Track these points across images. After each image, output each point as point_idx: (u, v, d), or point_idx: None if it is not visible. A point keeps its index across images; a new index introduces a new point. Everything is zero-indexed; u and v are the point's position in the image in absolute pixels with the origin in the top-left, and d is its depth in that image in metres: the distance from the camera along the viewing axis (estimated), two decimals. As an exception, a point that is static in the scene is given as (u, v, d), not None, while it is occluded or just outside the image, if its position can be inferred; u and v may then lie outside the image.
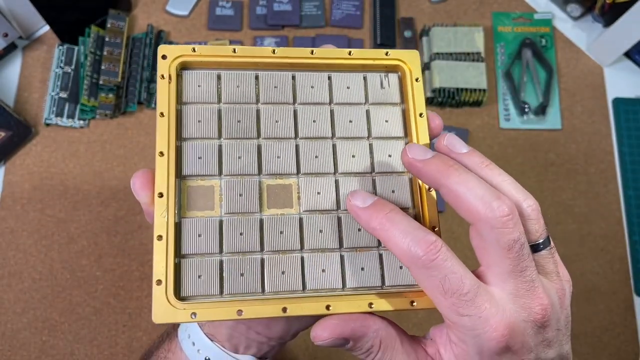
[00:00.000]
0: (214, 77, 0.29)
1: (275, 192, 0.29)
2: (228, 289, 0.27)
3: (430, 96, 0.66)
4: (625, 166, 0.67)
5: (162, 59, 0.28)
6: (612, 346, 0.60)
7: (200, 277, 0.26)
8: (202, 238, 0.27)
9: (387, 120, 0.31)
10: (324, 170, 0.29)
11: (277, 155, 0.29)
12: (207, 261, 0.27)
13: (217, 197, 0.28)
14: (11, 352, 0.56)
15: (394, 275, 0.28)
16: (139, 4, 0.69)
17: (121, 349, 0.57)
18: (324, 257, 0.28)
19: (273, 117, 0.29)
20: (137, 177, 0.27)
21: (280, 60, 0.30)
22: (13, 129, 0.61)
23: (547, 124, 0.68)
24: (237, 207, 0.28)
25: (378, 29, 0.69)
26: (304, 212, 0.29)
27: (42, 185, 0.61)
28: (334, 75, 0.31)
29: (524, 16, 0.72)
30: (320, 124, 0.30)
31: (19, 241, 0.59)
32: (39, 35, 0.67)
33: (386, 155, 0.30)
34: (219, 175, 0.28)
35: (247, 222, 0.28)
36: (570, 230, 0.64)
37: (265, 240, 0.28)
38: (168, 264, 0.26)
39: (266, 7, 0.70)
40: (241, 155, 0.29)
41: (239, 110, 0.29)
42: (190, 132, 0.28)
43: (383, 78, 0.32)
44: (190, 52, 0.29)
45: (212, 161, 0.28)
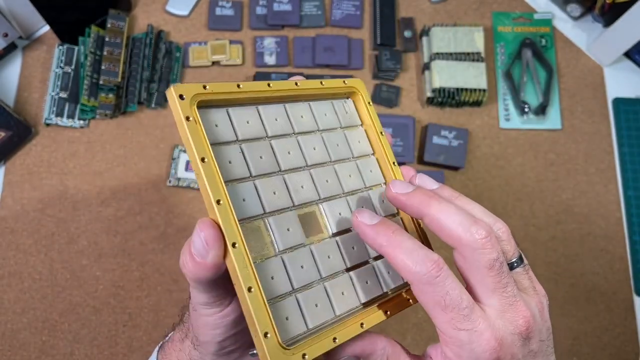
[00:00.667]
0: (225, 116, 0.30)
1: (306, 220, 0.30)
2: (311, 322, 0.28)
3: (430, 96, 0.66)
4: (625, 166, 0.67)
5: (180, 99, 0.27)
6: (612, 346, 0.60)
7: (288, 320, 0.27)
8: (275, 280, 0.27)
9: (359, 141, 0.35)
10: (336, 192, 0.32)
11: (300, 185, 0.31)
12: (289, 302, 0.28)
13: (267, 237, 0.28)
14: (11, 352, 0.56)
15: (389, 280, 0.31)
16: (139, 4, 0.69)
17: (121, 348, 0.57)
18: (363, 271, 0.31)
19: (285, 149, 0.31)
20: (205, 229, 0.25)
21: (275, 93, 0.31)
22: (13, 129, 0.61)
23: (547, 124, 0.68)
24: (289, 241, 0.29)
25: (378, 29, 0.69)
26: (334, 234, 0.31)
27: (42, 185, 0.61)
28: (313, 104, 0.34)
29: (524, 16, 0.72)
30: (319, 150, 0.32)
31: (19, 241, 0.59)
32: (39, 35, 0.67)
33: (369, 170, 0.34)
34: (262, 214, 0.29)
35: (302, 254, 0.29)
36: (570, 230, 0.64)
37: (320, 269, 0.29)
38: (267, 314, 0.26)
39: (266, 7, 0.70)
40: (275, 191, 0.29)
41: (257, 147, 0.30)
42: (228, 174, 0.28)
43: (344, 104, 0.35)
44: (202, 89, 0.28)
45: (255, 202, 0.28)
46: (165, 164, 0.63)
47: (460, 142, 0.65)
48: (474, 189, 0.65)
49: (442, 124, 0.66)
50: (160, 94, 0.65)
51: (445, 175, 0.65)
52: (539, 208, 0.65)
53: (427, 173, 0.66)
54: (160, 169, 0.63)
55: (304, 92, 0.33)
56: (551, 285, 0.62)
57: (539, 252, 0.63)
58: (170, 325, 0.39)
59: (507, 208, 0.65)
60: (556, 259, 0.63)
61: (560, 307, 0.62)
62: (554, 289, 0.62)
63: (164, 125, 0.65)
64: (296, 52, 0.68)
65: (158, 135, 0.64)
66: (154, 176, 0.63)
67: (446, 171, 0.65)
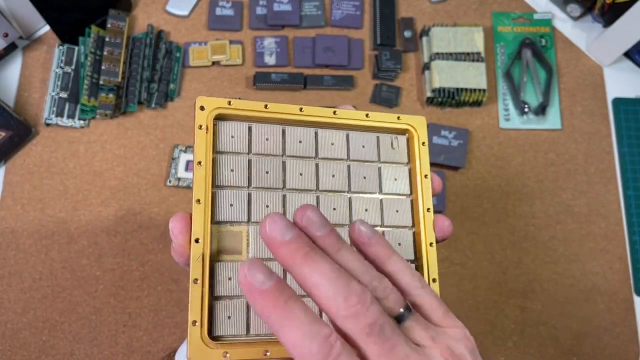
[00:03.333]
0: (245, 129, 0.32)
1: None
2: (254, 329, 0.29)
3: (430, 96, 0.66)
4: (625, 166, 0.67)
5: (200, 109, 0.30)
6: (612, 346, 0.60)
7: (230, 318, 0.29)
8: (232, 281, 0.29)
9: (396, 179, 0.34)
10: (340, 221, 0.32)
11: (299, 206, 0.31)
12: (237, 303, 0.29)
13: (245, 242, 0.30)
14: (11, 352, 0.56)
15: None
16: (139, 4, 0.69)
17: (121, 348, 0.57)
18: None
19: (297, 170, 0.32)
20: (176, 220, 0.28)
21: (306, 118, 0.32)
22: (13, 129, 0.61)
23: (547, 124, 0.68)
24: (262, 254, 0.30)
25: (378, 29, 0.69)
26: None
27: (42, 185, 0.61)
28: (351, 134, 0.34)
29: (524, 16, 0.72)
30: (338, 178, 0.33)
31: (19, 241, 0.59)
32: (39, 35, 0.67)
33: (394, 210, 0.33)
34: (247, 222, 0.31)
35: (271, 267, 0.30)
36: (570, 230, 0.64)
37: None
38: (203, 306, 0.28)
39: (266, 7, 0.70)
40: (268, 204, 0.31)
41: (267, 162, 0.32)
42: (224, 181, 0.31)
43: (393, 139, 0.35)
44: (226, 104, 0.31)
45: (242, 209, 0.30)
46: (165, 164, 0.63)
47: (460, 142, 0.65)
48: (474, 189, 0.65)
49: (442, 124, 0.66)
50: (161, 94, 0.65)
51: (445, 175, 0.65)
52: (539, 208, 0.65)
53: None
54: (160, 169, 0.63)
55: (342, 122, 0.33)
56: (551, 285, 0.62)
57: (539, 252, 0.63)
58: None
59: (507, 208, 0.65)
60: (556, 259, 0.63)
61: (560, 307, 0.62)
62: (553, 288, 0.62)
63: (164, 125, 0.65)
64: (296, 52, 0.68)
65: (158, 135, 0.64)
66: (154, 176, 0.63)
67: (446, 171, 0.65)
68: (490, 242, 0.63)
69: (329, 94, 0.67)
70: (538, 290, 0.62)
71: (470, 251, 0.63)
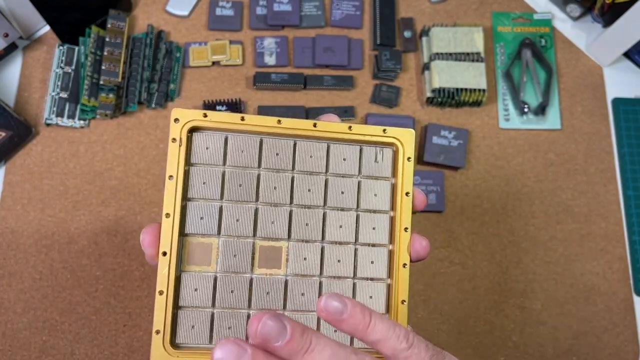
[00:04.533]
0: (221, 140, 0.32)
1: (267, 253, 0.31)
2: (217, 339, 0.30)
3: (430, 96, 0.66)
4: (624, 166, 0.67)
5: (174, 122, 0.31)
6: (612, 346, 0.61)
7: (194, 328, 0.30)
8: (197, 292, 0.30)
9: (376, 194, 0.33)
10: (312, 238, 0.32)
11: (271, 220, 0.32)
12: (201, 313, 0.30)
13: (215, 253, 0.31)
14: (12, 352, 0.56)
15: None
16: (139, 4, 0.70)
17: (121, 348, 0.57)
18: (304, 318, 0.31)
19: (272, 184, 0.32)
20: (146, 233, 0.30)
21: (285, 130, 0.32)
22: (13, 129, 0.61)
23: (547, 124, 0.68)
24: (230, 266, 0.31)
25: (378, 29, 0.69)
26: (290, 275, 0.32)
27: (43, 185, 0.61)
28: (333, 146, 0.33)
29: (524, 16, 0.72)
30: (314, 193, 0.32)
31: (20, 241, 0.60)
32: (40, 35, 0.67)
33: (370, 227, 0.33)
34: (218, 234, 0.31)
35: (239, 280, 0.31)
36: (570, 230, 0.64)
37: (253, 299, 0.31)
38: (167, 316, 0.29)
39: (266, 7, 0.70)
40: (239, 218, 0.31)
41: (241, 175, 0.32)
42: (195, 193, 0.31)
43: (378, 152, 0.33)
44: (202, 117, 0.31)
45: (213, 222, 0.31)
46: (165, 164, 0.63)
47: (460, 142, 0.65)
48: (474, 189, 0.65)
49: (442, 124, 0.66)
50: (161, 94, 0.65)
51: (445, 175, 0.65)
52: (539, 208, 0.65)
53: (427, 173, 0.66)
54: (161, 169, 0.63)
55: (323, 134, 0.32)
56: (551, 285, 0.62)
57: (538, 252, 0.63)
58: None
59: (506, 208, 0.65)
60: (556, 258, 0.63)
61: (560, 307, 0.62)
62: (553, 288, 0.62)
63: (164, 125, 0.65)
64: (296, 52, 0.68)
65: (158, 135, 0.64)
66: (154, 176, 0.63)
67: (446, 171, 0.65)
68: (490, 242, 0.63)
69: (329, 94, 0.67)
70: (538, 290, 0.62)
71: (470, 251, 0.63)
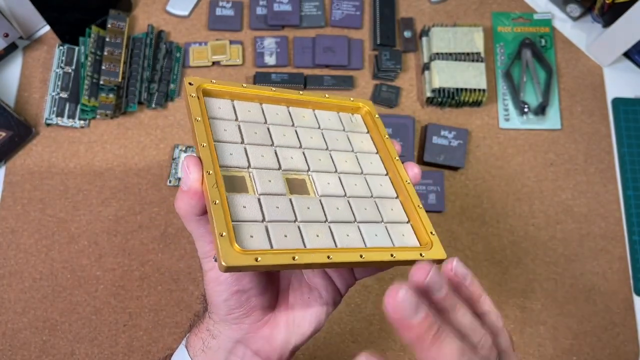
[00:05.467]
0: (229, 104, 0.36)
1: (294, 183, 0.35)
2: (276, 245, 0.30)
3: (430, 96, 0.66)
4: (624, 166, 0.67)
5: (189, 85, 0.35)
6: (612, 346, 0.61)
7: (253, 237, 0.30)
8: (247, 209, 0.31)
9: (362, 141, 0.40)
10: (328, 169, 0.36)
11: (291, 156, 0.35)
12: (256, 226, 0.31)
13: (250, 184, 0.33)
14: (12, 352, 0.56)
15: (399, 239, 0.34)
16: (139, 4, 0.70)
17: (121, 348, 0.57)
18: (345, 226, 0.34)
19: (281, 132, 0.36)
20: (189, 158, 0.31)
21: (278, 96, 0.38)
22: (14, 129, 0.61)
23: (547, 124, 0.68)
24: (269, 189, 0.33)
25: (378, 29, 0.69)
26: (321, 196, 0.35)
27: (43, 185, 0.61)
28: (317, 111, 0.40)
29: (524, 16, 0.72)
30: (317, 139, 0.38)
31: (20, 241, 0.60)
32: (40, 35, 0.67)
33: (369, 162, 0.38)
34: (248, 168, 0.33)
35: (280, 199, 0.33)
36: (570, 230, 0.64)
37: (297, 213, 0.33)
38: (227, 220, 0.29)
39: (266, 8, 0.70)
40: (263, 154, 0.34)
41: (254, 126, 0.36)
42: (220, 137, 0.34)
43: (351, 116, 0.41)
44: (209, 82, 0.36)
45: (242, 157, 0.34)
46: (166, 164, 0.63)
47: (460, 142, 0.65)
48: (474, 189, 0.65)
49: (442, 124, 0.66)
50: (161, 94, 0.65)
51: (445, 175, 0.65)
52: (539, 208, 0.65)
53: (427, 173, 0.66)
54: (161, 169, 0.63)
55: (307, 99, 0.39)
56: (551, 285, 0.62)
57: (538, 252, 0.63)
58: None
59: (506, 208, 0.65)
60: (556, 258, 0.63)
61: (560, 307, 0.62)
62: (553, 288, 0.62)
63: (164, 125, 0.65)
64: (296, 52, 0.68)
65: (158, 135, 0.64)
66: (154, 176, 0.63)
67: (446, 171, 0.65)
68: (490, 242, 0.63)
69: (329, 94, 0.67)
70: (538, 290, 0.62)
71: (470, 251, 0.63)
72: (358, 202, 0.35)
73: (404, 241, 0.34)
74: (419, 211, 0.36)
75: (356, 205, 0.35)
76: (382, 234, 0.34)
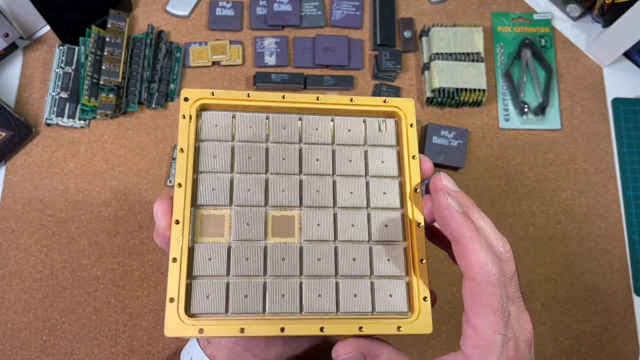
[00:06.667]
0: (229, 118, 0.33)
1: (279, 222, 0.31)
2: (233, 309, 0.29)
3: (429, 96, 0.66)
4: (624, 166, 0.67)
5: (184, 101, 0.32)
6: (612, 346, 0.61)
7: (209, 297, 0.29)
8: (212, 261, 0.30)
9: (383, 161, 0.33)
10: (324, 204, 0.32)
11: (282, 189, 0.32)
12: (216, 282, 0.29)
13: (227, 225, 0.31)
14: (12, 352, 0.56)
15: (383, 302, 0.30)
16: (139, 4, 0.70)
17: (122, 348, 0.57)
18: (320, 283, 0.30)
19: (280, 155, 0.32)
20: (159, 204, 0.30)
21: (289, 104, 0.33)
22: (14, 129, 0.61)
23: (547, 124, 0.68)
24: (244, 234, 0.31)
25: (378, 29, 0.69)
26: (304, 241, 0.31)
27: (43, 185, 0.62)
28: (337, 119, 0.34)
29: (524, 16, 0.72)
30: (323, 162, 0.33)
31: (20, 241, 0.60)
32: (40, 35, 0.67)
33: (381, 192, 0.33)
34: (230, 205, 0.31)
35: (253, 248, 0.30)
36: (570, 230, 0.64)
37: (268, 266, 0.30)
38: (180, 284, 0.28)
39: (266, 8, 0.70)
40: (250, 188, 0.31)
41: (250, 148, 0.32)
42: (206, 167, 0.32)
43: (381, 122, 0.34)
44: (210, 95, 0.32)
45: (224, 193, 0.31)
46: (166, 164, 0.63)
47: (460, 142, 0.65)
48: (474, 189, 0.65)
49: (442, 124, 0.66)
50: (161, 94, 0.65)
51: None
52: (539, 208, 0.65)
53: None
54: (161, 169, 0.63)
55: (325, 107, 0.33)
56: (551, 285, 0.62)
57: (538, 252, 0.63)
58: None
59: (506, 208, 0.65)
60: (556, 258, 0.63)
61: (560, 306, 0.62)
62: (553, 288, 0.62)
63: (164, 125, 0.65)
64: (296, 52, 0.68)
65: (158, 135, 0.64)
66: (154, 176, 0.63)
67: (446, 171, 0.65)
68: (490, 242, 0.63)
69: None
70: (538, 290, 0.62)
71: (470, 251, 0.63)
72: (348, 249, 0.31)
73: (388, 305, 0.30)
74: (419, 267, 0.31)
75: (343, 254, 0.31)
76: (363, 294, 0.30)
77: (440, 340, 0.59)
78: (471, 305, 0.26)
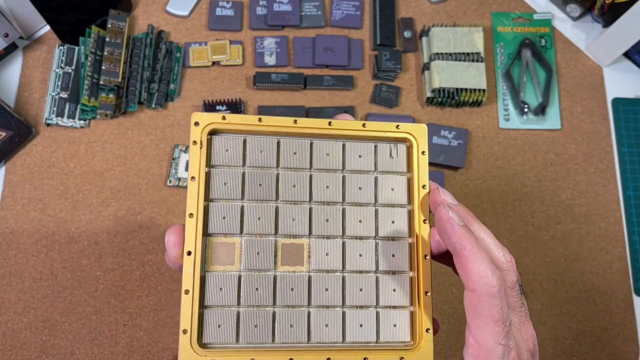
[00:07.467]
0: (240, 142, 0.32)
1: (289, 250, 0.32)
2: (243, 339, 0.30)
3: (430, 96, 0.66)
4: (624, 166, 0.67)
5: (194, 125, 0.31)
6: (612, 346, 0.61)
7: (220, 327, 0.30)
8: (223, 291, 0.31)
9: (392, 189, 0.33)
10: (333, 233, 0.32)
11: (292, 218, 0.32)
12: (227, 312, 0.30)
13: (238, 253, 0.31)
14: (12, 352, 0.56)
15: (388, 332, 0.32)
16: (139, 4, 0.70)
17: (122, 348, 0.57)
18: (328, 313, 0.31)
19: (291, 182, 0.33)
20: (171, 234, 0.30)
21: (301, 130, 0.33)
22: (14, 129, 0.61)
23: (547, 124, 0.68)
24: (254, 264, 0.31)
25: (378, 29, 0.69)
26: (313, 270, 0.32)
27: (43, 185, 0.62)
28: (348, 144, 0.34)
29: (524, 16, 0.72)
30: (333, 189, 0.33)
31: (20, 241, 0.60)
32: (40, 35, 0.67)
33: (389, 221, 0.33)
34: (240, 234, 0.32)
35: (263, 278, 0.31)
36: (570, 230, 0.64)
37: (277, 296, 0.31)
38: (193, 316, 0.29)
39: (266, 8, 0.70)
40: (260, 216, 0.32)
41: (261, 175, 0.32)
42: (217, 194, 0.32)
43: (392, 148, 0.34)
44: (220, 119, 0.32)
45: (235, 221, 0.31)
46: (166, 164, 0.63)
47: (460, 142, 0.65)
48: (474, 189, 0.65)
49: (442, 124, 0.66)
50: (161, 94, 0.65)
51: (445, 175, 0.65)
52: (539, 208, 0.65)
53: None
54: (161, 169, 0.63)
55: (338, 132, 0.33)
56: (551, 285, 0.62)
57: (538, 252, 0.63)
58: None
59: (506, 208, 0.65)
60: (556, 258, 0.63)
61: (560, 306, 0.62)
62: (553, 288, 0.62)
63: (164, 125, 0.65)
64: (296, 52, 0.68)
65: (158, 135, 0.64)
66: (154, 176, 0.63)
67: (446, 171, 0.65)
68: (490, 242, 0.63)
69: (329, 94, 0.68)
70: (538, 290, 0.62)
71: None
72: (355, 279, 0.32)
73: (392, 334, 0.31)
74: (424, 299, 0.31)
75: (351, 284, 0.32)
76: (368, 324, 0.31)
77: (441, 340, 0.59)
78: (472, 316, 0.26)
